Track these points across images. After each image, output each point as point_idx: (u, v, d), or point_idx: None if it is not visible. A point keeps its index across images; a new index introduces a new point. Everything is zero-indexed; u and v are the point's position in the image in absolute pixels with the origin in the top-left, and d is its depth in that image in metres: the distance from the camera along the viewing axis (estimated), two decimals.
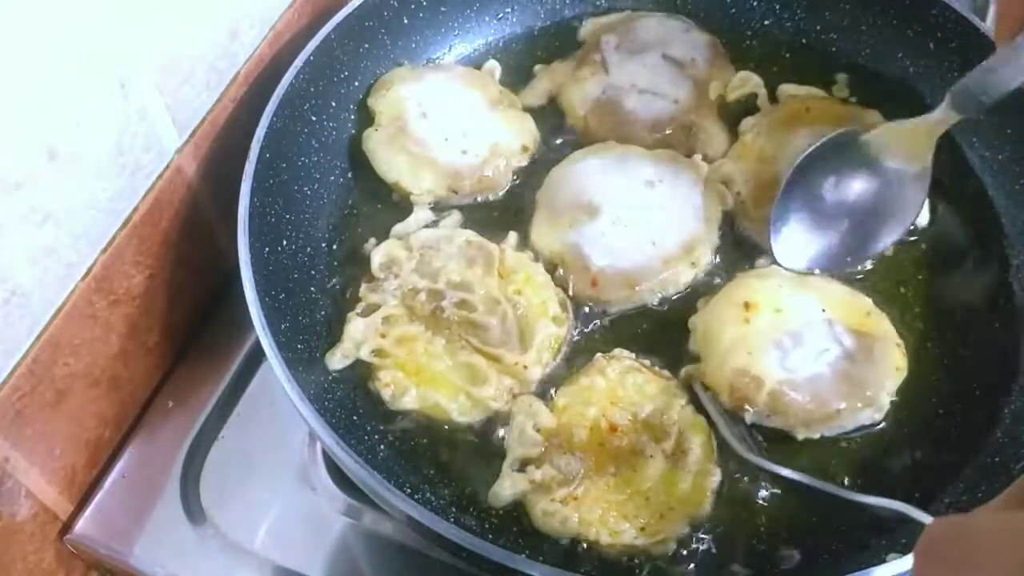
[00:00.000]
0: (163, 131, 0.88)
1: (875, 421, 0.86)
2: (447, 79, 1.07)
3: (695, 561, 0.80)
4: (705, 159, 1.04)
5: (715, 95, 1.09)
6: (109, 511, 0.91)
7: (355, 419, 0.87)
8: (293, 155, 0.97)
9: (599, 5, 1.19)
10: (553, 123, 1.09)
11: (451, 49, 1.15)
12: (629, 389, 0.86)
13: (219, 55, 0.93)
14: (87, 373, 0.87)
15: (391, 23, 1.08)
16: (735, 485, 0.83)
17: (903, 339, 0.90)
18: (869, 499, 0.79)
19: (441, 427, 0.87)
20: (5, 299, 0.74)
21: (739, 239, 0.99)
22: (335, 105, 1.04)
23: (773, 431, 0.85)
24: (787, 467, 0.83)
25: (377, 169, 1.01)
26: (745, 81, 1.10)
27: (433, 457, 0.86)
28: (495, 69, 1.13)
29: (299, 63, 0.97)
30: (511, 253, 0.95)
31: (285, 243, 0.93)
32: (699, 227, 0.96)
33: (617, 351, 0.90)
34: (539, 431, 0.84)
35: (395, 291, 0.91)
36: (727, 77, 1.11)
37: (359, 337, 0.89)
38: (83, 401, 0.88)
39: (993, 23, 1.17)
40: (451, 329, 0.89)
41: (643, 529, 0.78)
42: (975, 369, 0.90)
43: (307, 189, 0.99)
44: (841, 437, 0.86)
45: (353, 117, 1.06)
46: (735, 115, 1.08)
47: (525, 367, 0.87)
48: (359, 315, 0.90)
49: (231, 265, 0.86)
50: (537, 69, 1.14)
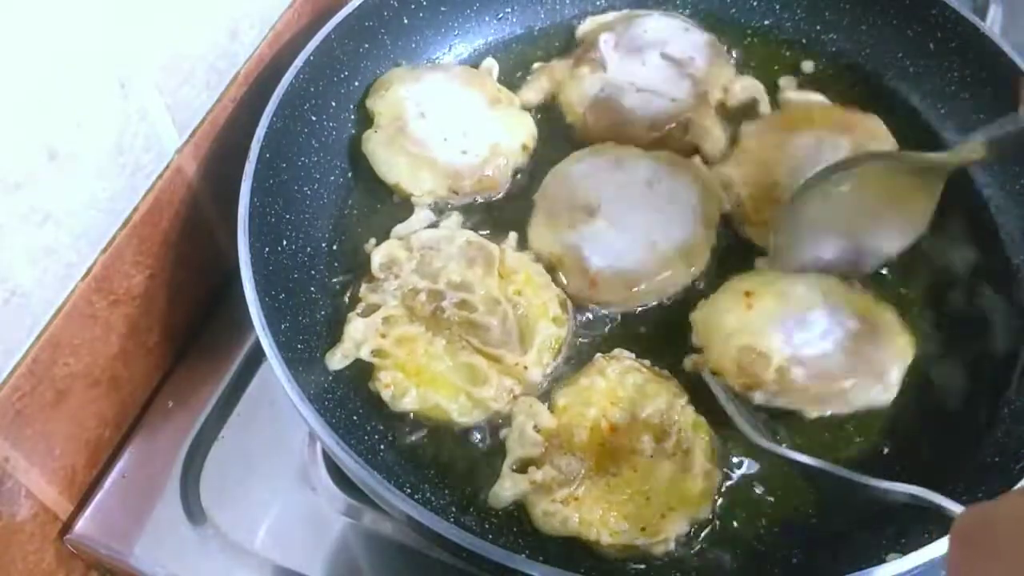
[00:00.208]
0: (163, 131, 0.88)
1: (884, 401, 0.85)
2: (446, 79, 1.07)
3: (696, 561, 0.80)
4: (704, 158, 1.04)
5: (715, 99, 1.08)
6: (109, 511, 0.91)
7: (355, 419, 0.87)
8: (293, 155, 0.97)
9: (599, 5, 1.19)
10: (552, 122, 1.09)
11: (451, 49, 1.15)
12: (629, 389, 0.86)
13: (219, 55, 0.93)
14: (87, 373, 0.87)
15: (391, 23, 1.08)
16: (736, 485, 0.84)
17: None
18: (883, 484, 0.75)
19: (441, 427, 0.87)
20: (5, 299, 0.74)
21: (738, 241, 0.98)
22: (335, 105, 1.04)
23: (782, 419, 0.85)
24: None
25: (377, 170, 1.01)
26: (748, 87, 1.10)
27: (433, 457, 0.86)
28: (493, 67, 1.12)
29: (299, 63, 0.97)
30: (511, 253, 0.95)
31: (285, 243, 0.93)
32: (697, 228, 0.96)
33: (617, 351, 0.90)
34: (539, 431, 0.84)
35: (395, 291, 0.91)
36: (726, 76, 1.11)
37: (359, 337, 0.89)
38: (83, 401, 0.88)
39: (995, 24, 1.17)
40: (451, 330, 0.89)
41: (644, 529, 0.78)
42: (975, 369, 0.91)
43: (307, 189, 0.99)
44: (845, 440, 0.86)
45: (353, 117, 1.06)
46: (735, 118, 1.08)
47: (525, 368, 0.87)
48: (359, 315, 0.90)
49: (231, 265, 0.86)
50: (535, 67, 1.14)
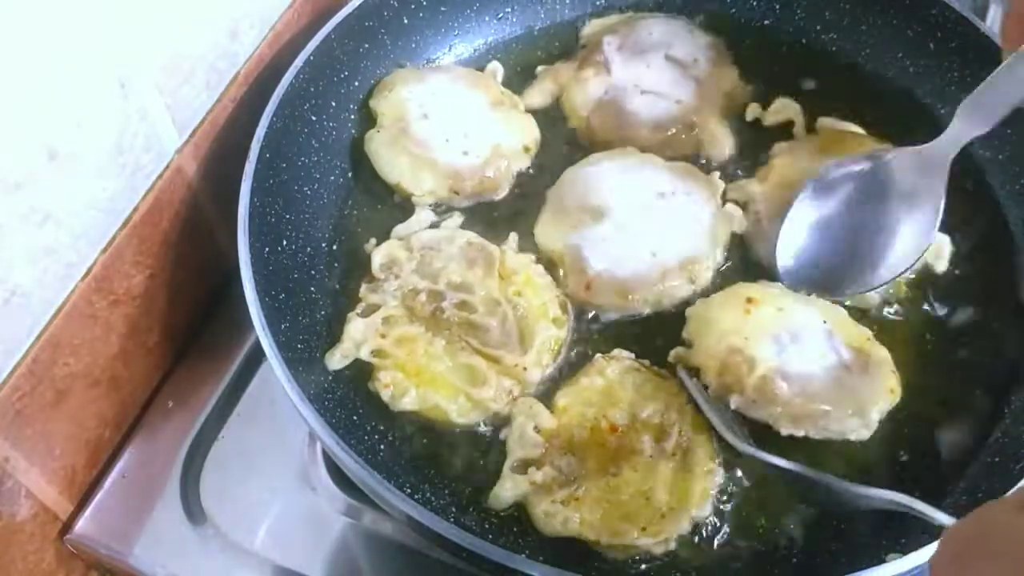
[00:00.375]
0: (163, 131, 0.88)
1: (860, 437, 0.84)
2: (449, 80, 1.07)
3: (696, 561, 0.80)
4: (708, 161, 1.04)
5: (722, 103, 1.08)
6: (109, 511, 0.91)
7: (355, 419, 0.87)
8: (293, 155, 0.97)
9: (599, 5, 1.19)
10: (555, 124, 1.09)
11: (451, 49, 1.15)
12: (629, 389, 0.86)
13: (219, 55, 0.93)
14: (87, 373, 0.87)
15: (391, 23, 1.08)
16: (736, 485, 0.84)
17: (905, 337, 0.90)
18: (867, 490, 0.74)
19: (441, 428, 0.87)
20: (5, 299, 0.74)
21: (745, 263, 0.97)
22: (335, 105, 1.04)
23: (757, 427, 0.84)
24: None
25: (379, 170, 1.01)
26: (784, 107, 1.08)
27: (433, 457, 0.86)
28: (497, 70, 1.12)
29: (299, 63, 0.97)
30: (512, 255, 0.95)
31: (285, 243, 0.93)
32: (703, 245, 0.95)
33: (617, 351, 0.90)
34: (539, 432, 0.84)
35: (395, 292, 0.91)
36: (730, 78, 1.11)
37: (359, 337, 0.89)
38: (83, 401, 0.88)
39: (994, 24, 1.17)
40: (451, 330, 0.89)
41: (644, 529, 0.78)
42: (975, 369, 0.91)
43: (307, 189, 0.99)
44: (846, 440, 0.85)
45: (353, 117, 1.06)
46: (769, 137, 1.06)
47: (525, 368, 0.87)
48: (359, 315, 0.90)
49: (231, 265, 0.86)
50: (539, 70, 1.14)
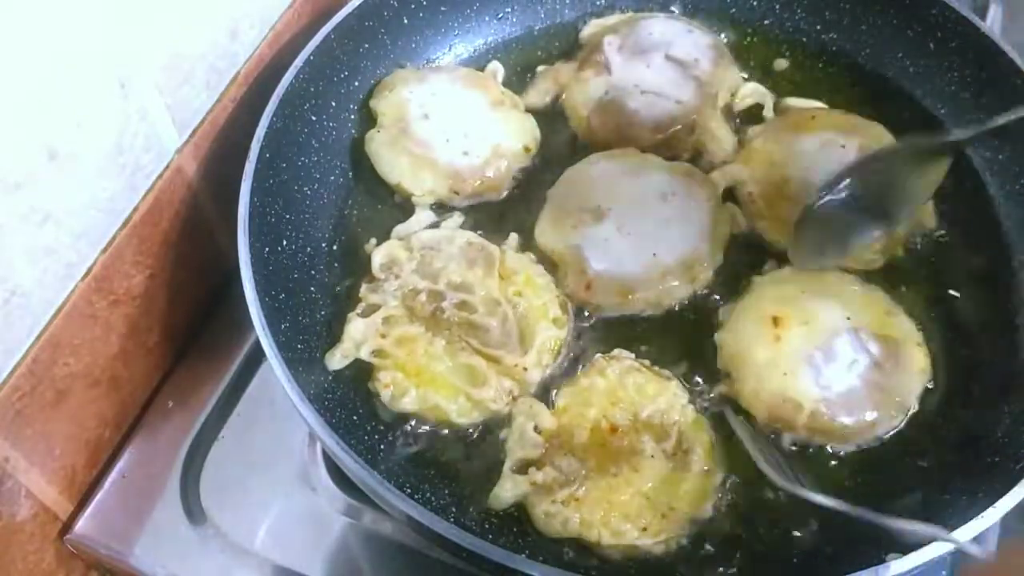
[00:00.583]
0: (163, 131, 0.88)
1: (900, 424, 0.87)
2: (450, 80, 1.07)
3: (696, 561, 0.80)
4: (710, 159, 1.04)
5: (722, 101, 1.08)
6: (109, 511, 0.91)
7: (355, 419, 0.87)
8: (293, 155, 0.97)
9: (599, 5, 1.19)
10: (555, 124, 1.09)
11: (451, 49, 1.15)
12: (629, 389, 0.86)
13: (219, 55, 0.93)
14: (87, 373, 0.87)
15: (391, 23, 1.08)
16: (736, 485, 0.84)
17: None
18: (907, 525, 0.73)
19: (441, 428, 0.87)
20: (5, 299, 0.74)
21: (745, 262, 0.97)
22: (335, 105, 1.04)
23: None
24: (820, 492, 0.78)
25: (379, 170, 1.01)
26: (754, 91, 1.10)
27: (433, 457, 0.86)
28: (498, 70, 1.12)
29: (299, 63, 0.97)
30: (512, 254, 0.95)
31: (285, 243, 0.93)
32: (703, 245, 0.95)
33: (617, 351, 0.90)
34: (540, 432, 0.84)
35: (395, 292, 0.91)
36: (732, 78, 1.11)
37: (359, 337, 0.89)
38: (83, 401, 0.87)
39: (995, 24, 1.17)
40: (451, 330, 0.89)
41: (645, 529, 0.78)
42: (976, 368, 0.91)
43: (307, 189, 0.99)
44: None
45: (353, 117, 1.06)
46: (740, 121, 1.09)
47: (525, 369, 0.87)
48: (359, 315, 0.90)
49: (231, 265, 0.86)
50: (539, 70, 1.14)
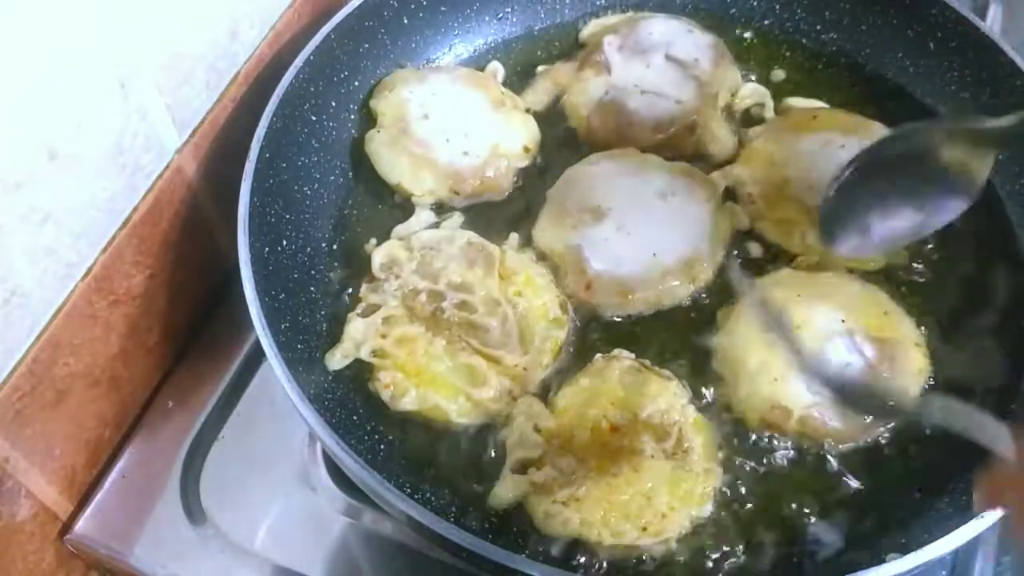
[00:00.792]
0: (163, 131, 0.88)
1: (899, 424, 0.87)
2: (450, 80, 1.06)
3: (697, 561, 0.80)
4: (710, 160, 1.04)
5: (723, 101, 1.08)
6: (109, 511, 0.91)
7: (355, 419, 0.87)
8: (293, 155, 0.97)
9: (599, 5, 1.19)
10: (555, 124, 1.09)
11: (451, 49, 1.15)
12: (629, 389, 0.86)
13: (219, 55, 0.93)
14: (87, 373, 0.87)
15: (391, 23, 1.08)
16: (736, 484, 0.84)
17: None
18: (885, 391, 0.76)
19: (441, 428, 0.87)
20: (5, 299, 0.74)
21: (746, 262, 0.97)
22: (335, 105, 1.04)
23: None
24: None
25: (379, 170, 1.01)
26: (754, 91, 1.11)
27: (433, 457, 0.86)
28: (498, 70, 1.12)
29: (299, 63, 0.97)
30: (512, 255, 0.95)
31: (285, 243, 0.93)
32: (704, 245, 0.95)
33: (617, 351, 0.90)
34: (540, 432, 0.84)
35: (395, 292, 0.91)
36: (732, 78, 1.11)
37: (359, 337, 0.89)
38: (83, 401, 0.87)
39: (995, 24, 1.17)
40: (451, 330, 0.89)
41: (645, 529, 0.78)
42: (976, 368, 0.90)
43: (307, 189, 0.99)
44: None
45: (353, 117, 1.06)
46: (740, 122, 1.09)
47: (525, 369, 0.87)
48: (359, 315, 0.90)
49: (231, 265, 0.86)
50: (539, 70, 1.14)
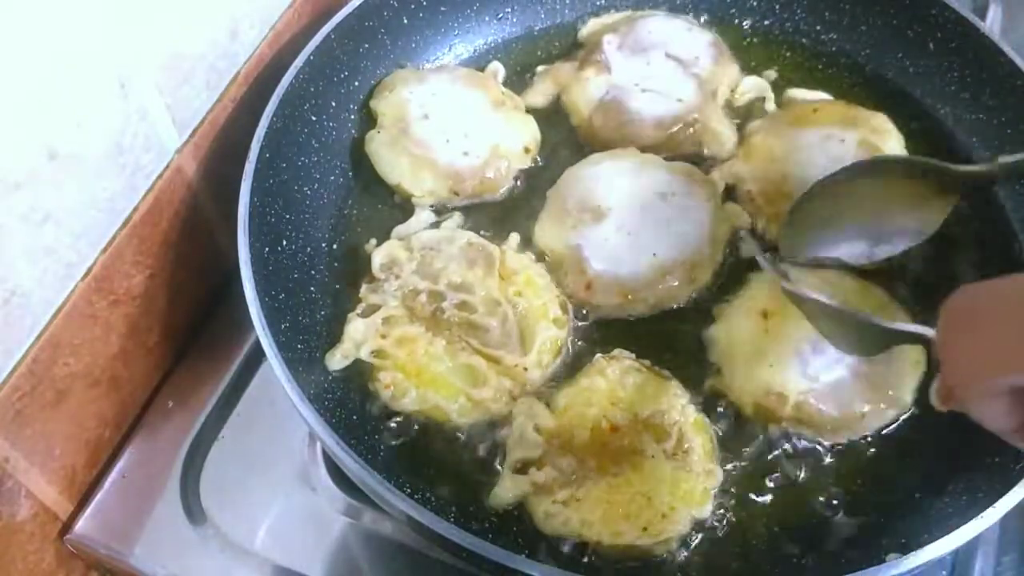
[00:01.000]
0: (163, 131, 0.88)
1: (897, 420, 0.86)
2: (450, 80, 1.06)
3: (697, 561, 0.80)
4: (712, 158, 1.04)
5: (723, 99, 1.08)
6: (109, 511, 0.91)
7: (355, 419, 0.87)
8: (293, 155, 0.97)
9: (599, 5, 1.19)
10: (556, 124, 1.09)
11: (451, 49, 1.15)
12: (630, 389, 0.86)
13: (219, 55, 0.93)
14: (87, 373, 0.87)
15: (391, 23, 1.08)
16: (736, 484, 0.84)
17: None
18: (892, 324, 0.75)
19: (441, 428, 0.87)
20: (5, 299, 0.74)
21: (745, 261, 0.97)
22: (335, 105, 1.04)
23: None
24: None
25: (379, 171, 1.01)
26: (754, 86, 1.10)
27: (433, 457, 0.86)
28: (498, 70, 1.12)
29: (299, 63, 0.97)
30: (512, 255, 0.95)
31: (285, 243, 0.93)
32: (703, 245, 0.95)
33: (617, 351, 0.90)
34: (540, 432, 0.84)
35: (396, 292, 0.91)
36: (732, 76, 1.11)
37: (359, 338, 0.89)
38: (83, 401, 0.87)
39: (994, 24, 1.17)
40: (451, 330, 0.89)
41: (645, 529, 0.78)
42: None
43: (307, 189, 0.99)
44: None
45: (353, 117, 1.06)
46: (741, 116, 1.09)
47: (525, 369, 0.87)
48: (359, 315, 0.90)
49: (231, 265, 0.86)
50: (539, 70, 1.13)
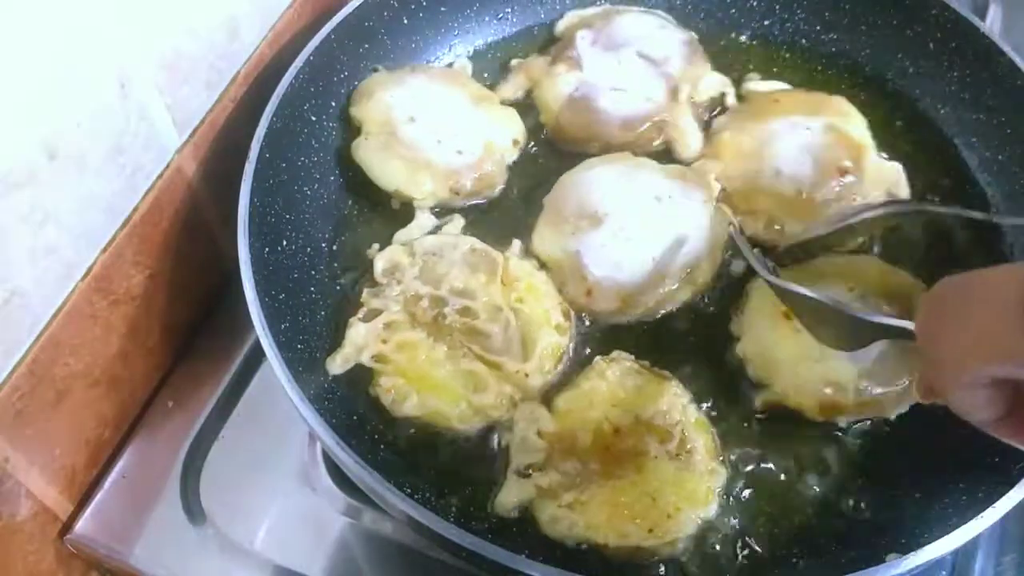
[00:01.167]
0: (163, 131, 0.88)
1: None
2: (427, 81, 1.05)
3: (701, 561, 0.80)
4: (679, 157, 1.03)
5: (686, 96, 1.07)
6: (109, 511, 0.91)
7: (355, 419, 0.87)
8: (293, 155, 0.97)
9: (599, 4, 1.19)
10: (527, 117, 1.08)
11: (451, 49, 1.15)
12: (630, 391, 0.86)
13: (219, 55, 0.93)
14: (87, 373, 0.87)
15: (391, 23, 1.08)
16: (739, 484, 0.84)
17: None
18: (876, 317, 0.76)
19: (442, 430, 0.86)
20: (5, 299, 0.74)
21: (744, 263, 0.96)
22: (335, 105, 1.04)
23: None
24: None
25: (372, 178, 1.00)
26: (714, 82, 1.09)
27: (433, 458, 0.86)
28: (466, 67, 1.12)
29: (299, 63, 0.97)
30: (514, 261, 0.94)
31: (285, 243, 0.93)
32: (702, 248, 0.94)
33: (616, 353, 0.90)
34: (542, 436, 0.83)
35: (397, 297, 0.91)
36: (703, 75, 1.09)
37: (360, 342, 0.88)
38: (83, 401, 0.87)
39: (995, 24, 1.17)
40: (453, 336, 0.88)
41: (651, 530, 0.78)
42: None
43: (307, 189, 0.99)
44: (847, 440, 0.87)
45: None
46: (704, 114, 1.08)
47: (527, 375, 0.87)
48: (361, 320, 0.90)
49: (231, 265, 0.86)
50: (513, 64, 1.12)
